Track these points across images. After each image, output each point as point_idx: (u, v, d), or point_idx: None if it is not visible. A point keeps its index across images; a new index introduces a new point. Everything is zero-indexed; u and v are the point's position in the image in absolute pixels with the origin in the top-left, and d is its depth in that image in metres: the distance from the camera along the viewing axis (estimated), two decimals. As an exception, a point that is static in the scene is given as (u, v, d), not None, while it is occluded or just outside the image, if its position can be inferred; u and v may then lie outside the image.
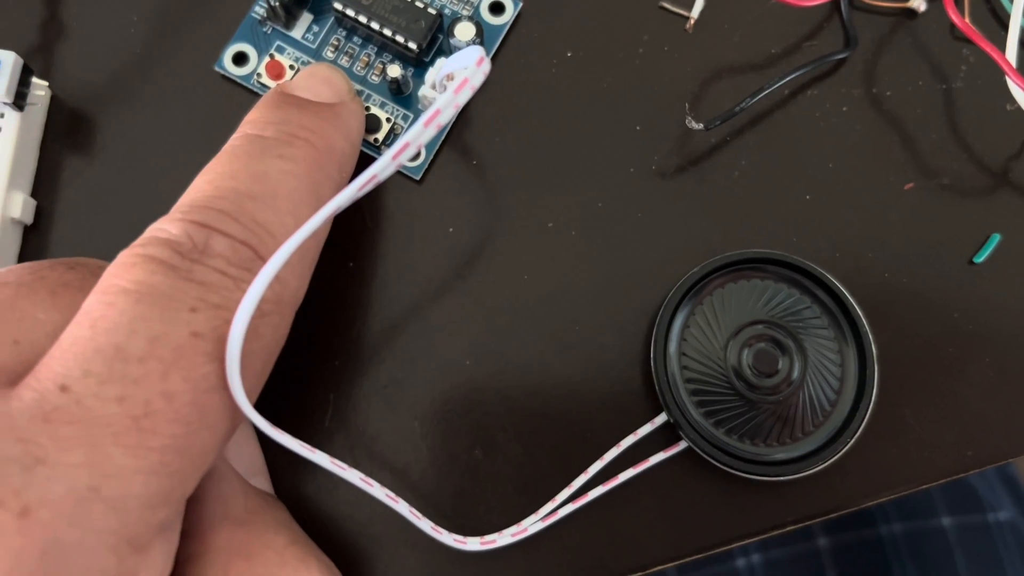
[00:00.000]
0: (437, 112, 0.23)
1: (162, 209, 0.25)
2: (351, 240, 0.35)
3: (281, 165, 0.27)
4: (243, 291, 0.22)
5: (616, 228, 0.35)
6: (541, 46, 0.36)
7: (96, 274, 0.24)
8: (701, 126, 0.34)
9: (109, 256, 0.24)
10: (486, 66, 0.26)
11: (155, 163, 0.35)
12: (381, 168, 0.23)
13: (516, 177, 0.35)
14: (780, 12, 0.36)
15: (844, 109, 0.36)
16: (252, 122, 0.28)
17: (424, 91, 0.33)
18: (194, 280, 0.22)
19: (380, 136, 0.34)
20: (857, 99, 0.36)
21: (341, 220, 0.34)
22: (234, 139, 0.28)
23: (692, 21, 0.36)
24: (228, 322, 0.22)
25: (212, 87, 0.35)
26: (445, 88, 0.32)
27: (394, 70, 0.33)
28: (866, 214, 0.35)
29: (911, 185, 0.35)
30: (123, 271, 0.22)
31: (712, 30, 0.36)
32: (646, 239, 0.35)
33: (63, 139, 0.35)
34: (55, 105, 0.36)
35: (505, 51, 0.36)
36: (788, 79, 0.34)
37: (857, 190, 0.35)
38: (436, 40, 0.35)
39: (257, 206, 0.25)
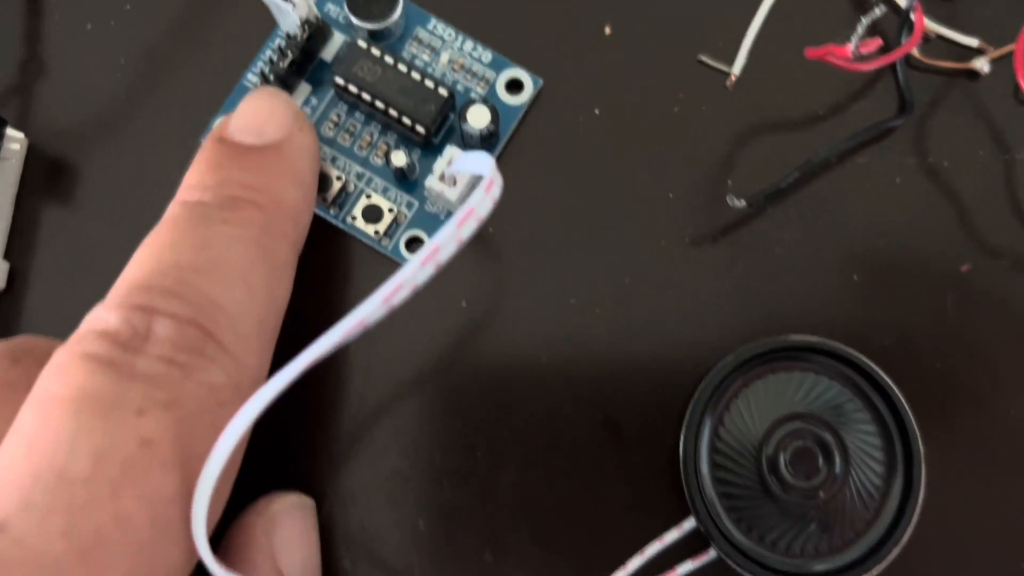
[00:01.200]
0: (436, 248, 0.20)
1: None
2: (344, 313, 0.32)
3: (226, 231, 0.24)
4: (194, 380, 0.21)
5: (644, 307, 0.32)
6: (566, 102, 0.33)
7: (44, 362, 0.21)
8: (743, 204, 0.31)
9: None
10: (496, 191, 0.23)
11: (139, 221, 0.32)
12: (370, 312, 0.20)
13: (535, 248, 0.32)
14: (828, 70, 0.33)
15: (897, 180, 0.33)
16: (190, 187, 0.26)
17: (431, 183, 0.30)
18: (137, 376, 0.20)
19: (381, 228, 0.31)
20: (911, 169, 0.33)
21: (332, 289, 0.31)
22: (172, 207, 0.25)
23: (733, 78, 0.33)
24: (181, 420, 0.20)
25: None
26: (454, 182, 0.29)
27: (399, 158, 0.30)
28: (919, 298, 0.32)
29: (968, 267, 0.32)
30: (59, 375, 0.20)
31: (754, 88, 0.33)
32: (677, 320, 0.32)
33: (40, 194, 0.32)
34: (32, 154, 0.33)
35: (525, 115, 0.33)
36: (838, 150, 0.31)
37: (909, 270, 0.32)
38: (447, 120, 0.31)
39: (203, 279, 0.23)
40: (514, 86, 0.33)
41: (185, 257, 0.23)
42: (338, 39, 0.32)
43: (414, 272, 0.20)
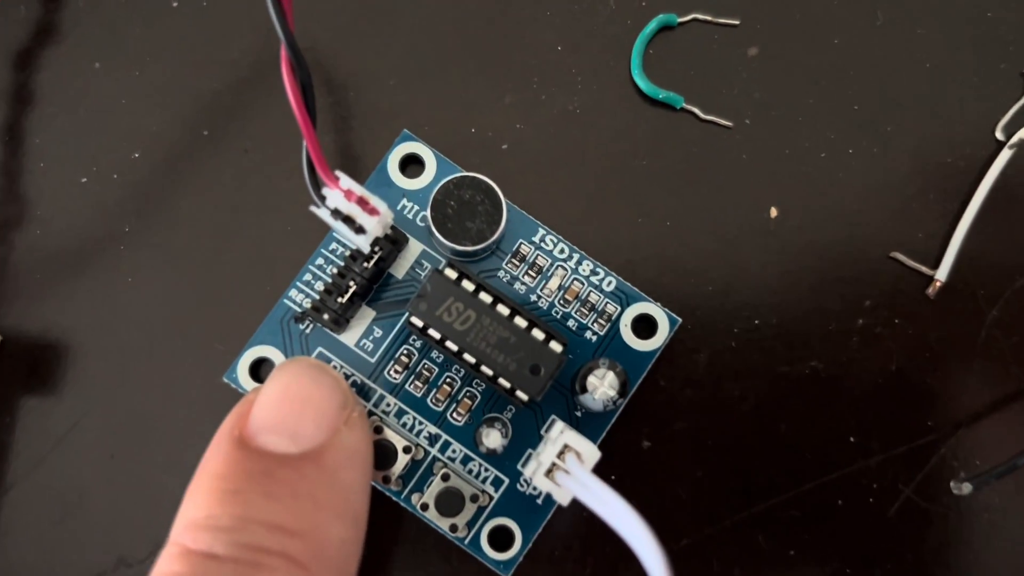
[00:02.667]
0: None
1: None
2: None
3: None
4: None
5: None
6: (708, 347, 0.24)
7: None
8: (969, 488, 0.22)
9: None
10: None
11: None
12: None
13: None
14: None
15: None
16: (196, 525, 0.18)
17: (538, 480, 0.21)
18: None
19: (459, 522, 0.23)
20: None
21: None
22: (169, 559, 0.17)
23: (937, 283, 0.25)
24: None
25: (220, 398, 0.24)
26: (564, 471, 0.20)
27: (493, 439, 0.22)
28: None
29: None
30: None
31: (963, 296, 0.25)
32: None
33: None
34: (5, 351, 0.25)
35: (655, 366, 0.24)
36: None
37: None
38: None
39: None
40: (643, 325, 0.24)
41: None
42: (414, 247, 0.24)
43: None
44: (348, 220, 0.20)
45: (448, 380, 0.23)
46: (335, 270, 0.23)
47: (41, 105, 0.26)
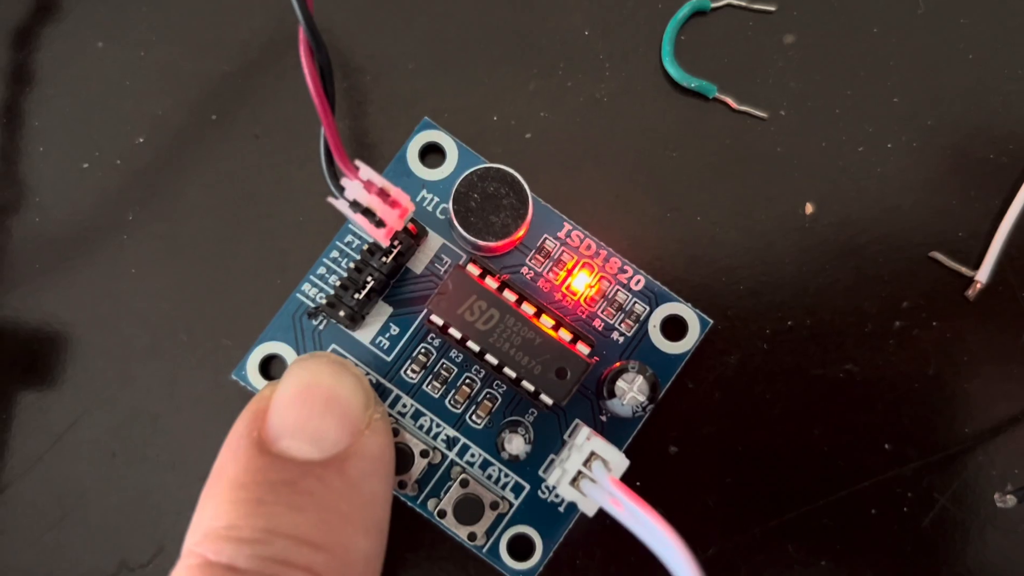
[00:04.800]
0: None
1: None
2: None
3: None
4: None
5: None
6: (742, 351, 0.23)
7: None
8: (1014, 501, 0.21)
9: None
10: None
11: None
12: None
13: None
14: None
15: None
16: (216, 535, 0.17)
17: (556, 480, 0.20)
18: None
19: (478, 530, 0.21)
20: None
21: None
22: (188, 572, 0.16)
23: (977, 285, 0.24)
24: None
25: (227, 396, 0.23)
26: (591, 479, 0.19)
27: (515, 444, 0.21)
28: None
29: None
30: None
31: (1003, 299, 0.24)
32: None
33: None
34: None
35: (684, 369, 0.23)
36: None
37: None
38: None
39: None
40: (673, 326, 0.23)
41: None
42: (434, 241, 0.23)
43: None
44: (367, 212, 0.19)
45: (468, 381, 0.22)
46: (351, 264, 0.21)
47: (41, 86, 0.24)
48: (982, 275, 0.24)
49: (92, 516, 0.23)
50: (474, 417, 0.22)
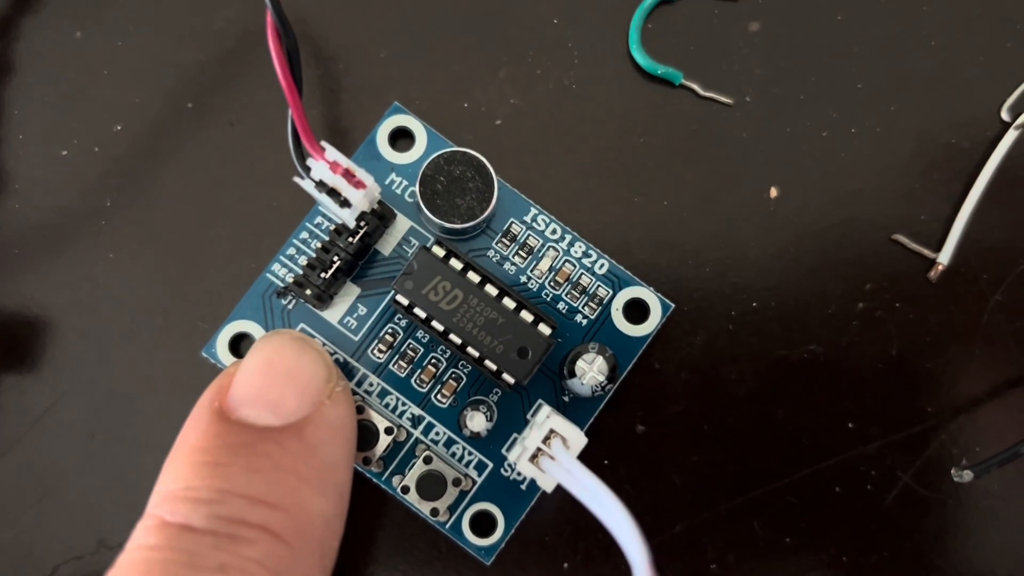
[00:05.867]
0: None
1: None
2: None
3: None
4: None
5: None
6: (706, 333, 0.24)
7: None
8: (970, 476, 0.22)
9: None
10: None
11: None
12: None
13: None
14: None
15: None
16: (174, 496, 0.17)
17: (522, 466, 0.20)
18: None
19: (440, 506, 0.22)
20: None
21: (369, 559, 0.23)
22: (144, 530, 0.17)
23: (939, 267, 0.24)
24: None
25: (202, 377, 0.23)
26: (550, 456, 0.20)
27: (477, 422, 0.21)
28: None
29: None
30: None
31: (965, 280, 0.24)
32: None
33: None
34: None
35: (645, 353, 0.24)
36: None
37: None
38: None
39: None
40: (636, 309, 0.23)
41: None
42: (402, 224, 0.23)
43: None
44: (333, 193, 0.19)
45: (433, 361, 0.23)
46: (319, 245, 0.22)
47: (20, 75, 0.25)
48: (944, 257, 0.24)
49: (71, 496, 0.23)
50: (439, 396, 0.23)
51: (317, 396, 0.19)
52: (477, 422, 0.21)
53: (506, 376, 0.21)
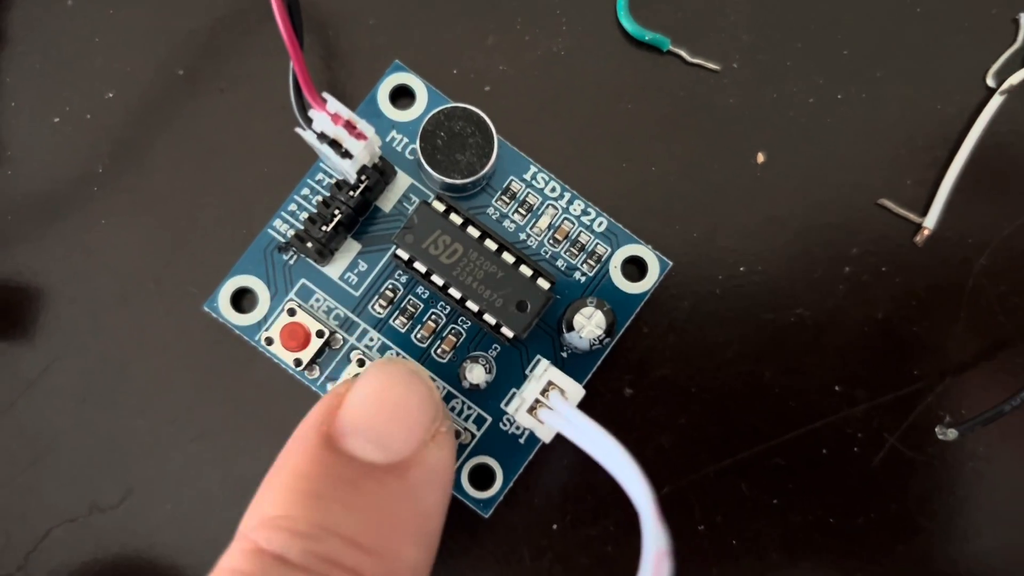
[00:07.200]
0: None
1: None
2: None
3: None
4: None
5: None
6: (702, 291, 0.24)
7: None
8: (954, 434, 0.22)
9: None
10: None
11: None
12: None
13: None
14: (1058, 241, 0.24)
15: None
16: (273, 524, 0.16)
17: (520, 417, 0.21)
18: None
19: None
20: None
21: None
22: (240, 553, 0.16)
23: (925, 231, 0.24)
24: None
25: (193, 343, 0.24)
26: (548, 407, 0.20)
27: (476, 373, 0.21)
28: None
29: None
30: None
31: (950, 244, 0.24)
32: None
33: None
34: None
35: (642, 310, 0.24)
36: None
37: None
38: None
39: None
40: (633, 267, 0.24)
41: None
42: (403, 181, 0.23)
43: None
44: (334, 144, 0.20)
45: (433, 316, 0.23)
46: (320, 199, 0.22)
47: (12, 43, 0.25)
48: (929, 222, 0.25)
49: (63, 460, 0.24)
50: (439, 351, 0.23)
51: (423, 435, 0.18)
52: (476, 374, 0.22)
53: (505, 329, 0.21)
